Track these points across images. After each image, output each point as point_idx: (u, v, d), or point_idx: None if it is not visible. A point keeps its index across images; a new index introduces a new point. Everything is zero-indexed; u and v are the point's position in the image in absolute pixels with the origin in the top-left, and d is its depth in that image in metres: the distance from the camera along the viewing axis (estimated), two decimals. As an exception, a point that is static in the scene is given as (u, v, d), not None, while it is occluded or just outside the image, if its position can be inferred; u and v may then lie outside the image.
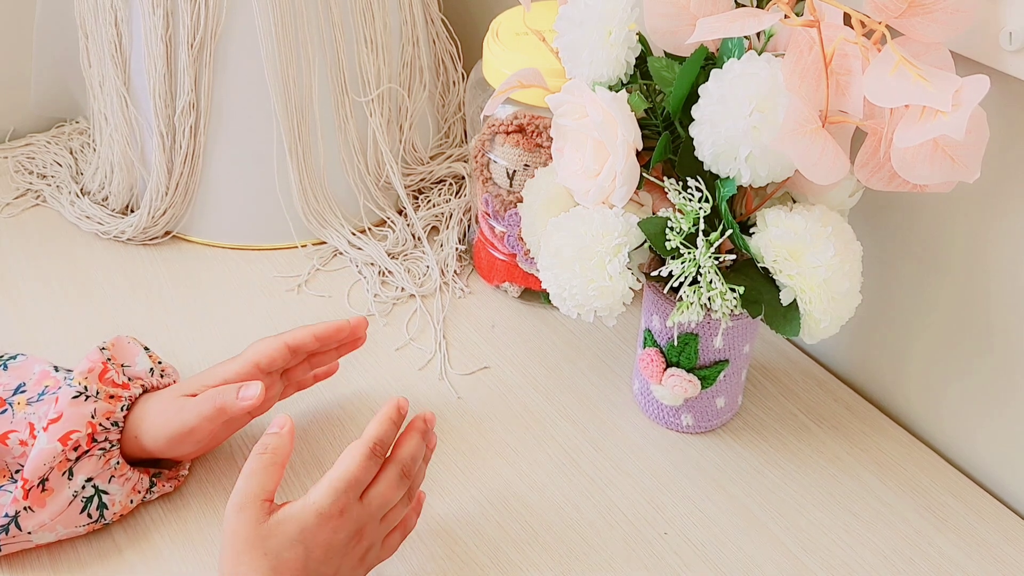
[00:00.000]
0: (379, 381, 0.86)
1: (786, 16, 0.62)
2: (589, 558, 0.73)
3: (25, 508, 0.68)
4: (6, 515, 0.68)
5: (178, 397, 0.73)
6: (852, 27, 0.62)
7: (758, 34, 0.69)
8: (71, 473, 0.69)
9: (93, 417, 0.70)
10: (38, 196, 1.07)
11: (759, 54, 0.65)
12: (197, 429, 0.72)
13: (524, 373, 0.88)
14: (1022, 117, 0.67)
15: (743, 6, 0.67)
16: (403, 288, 0.96)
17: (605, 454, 0.80)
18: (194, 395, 0.73)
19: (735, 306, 0.68)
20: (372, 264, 0.98)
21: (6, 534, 0.68)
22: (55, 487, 0.69)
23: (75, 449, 0.69)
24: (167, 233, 1.01)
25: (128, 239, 1.01)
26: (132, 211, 1.03)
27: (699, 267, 0.67)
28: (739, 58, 0.65)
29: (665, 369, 0.77)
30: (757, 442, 0.81)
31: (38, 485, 0.68)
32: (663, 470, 0.79)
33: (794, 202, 0.72)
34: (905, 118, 0.59)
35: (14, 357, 0.76)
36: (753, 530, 0.75)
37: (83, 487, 0.70)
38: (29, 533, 0.69)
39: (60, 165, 1.09)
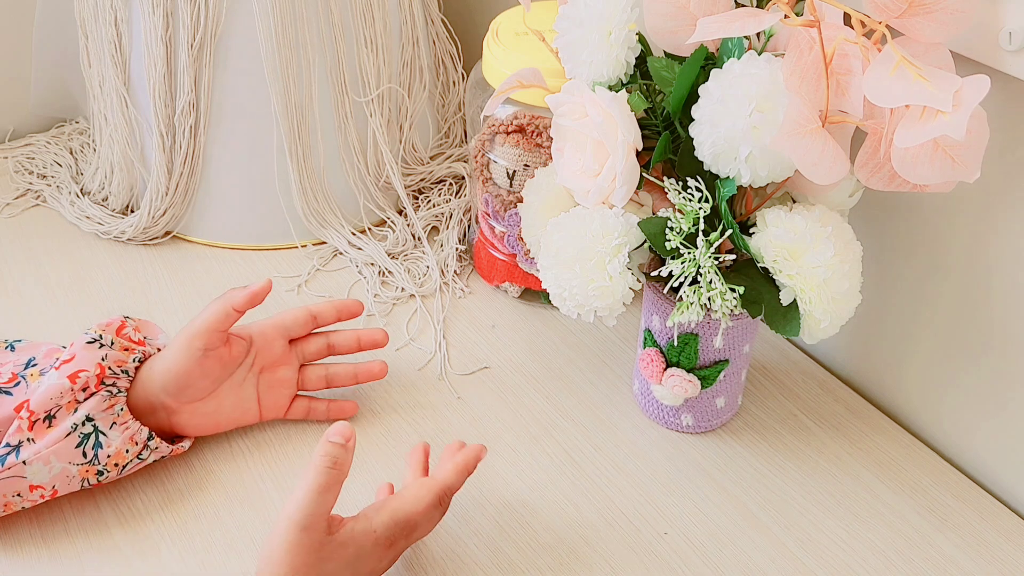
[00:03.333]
0: (379, 381, 0.86)
1: (786, 16, 0.62)
2: (589, 558, 0.73)
3: (28, 439, 0.69)
4: (7, 444, 0.69)
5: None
6: (852, 27, 0.62)
7: (758, 34, 0.69)
8: (76, 412, 0.70)
9: (104, 360, 0.72)
10: (38, 196, 1.07)
11: (759, 54, 0.65)
12: (204, 333, 0.73)
13: (524, 373, 0.88)
14: (1022, 117, 0.67)
15: (743, 6, 0.67)
16: (403, 288, 0.96)
17: (605, 454, 0.80)
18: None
19: (735, 306, 0.68)
20: (372, 264, 0.98)
21: (2, 465, 0.68)
22: (60, 423, 0.70)
23: (83, 389, 0.70)
24: (167, 233, 1.01)
25: (128, 239, 1.01)
26: (132, 211, 1.03)
27: (699, 267, 0.67)
28: (739, 58, 0.65)
29: (665, 369, 0.77)
30: (757, 442, 0.81)
31: (44, 420, 0.69)
32: (663, 470, 0.79)
33: (794, 202, 0.72)
34: (905, 118, 0.59)
35: (19, 340, 0.78)
36: (753, 530, 0.75)
37: (83, 423, 0.70)
38: (24, 463, 0.69)
39: (60, 165, 1.09)
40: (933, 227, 0.77)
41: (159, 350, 0.77)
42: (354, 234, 1.00)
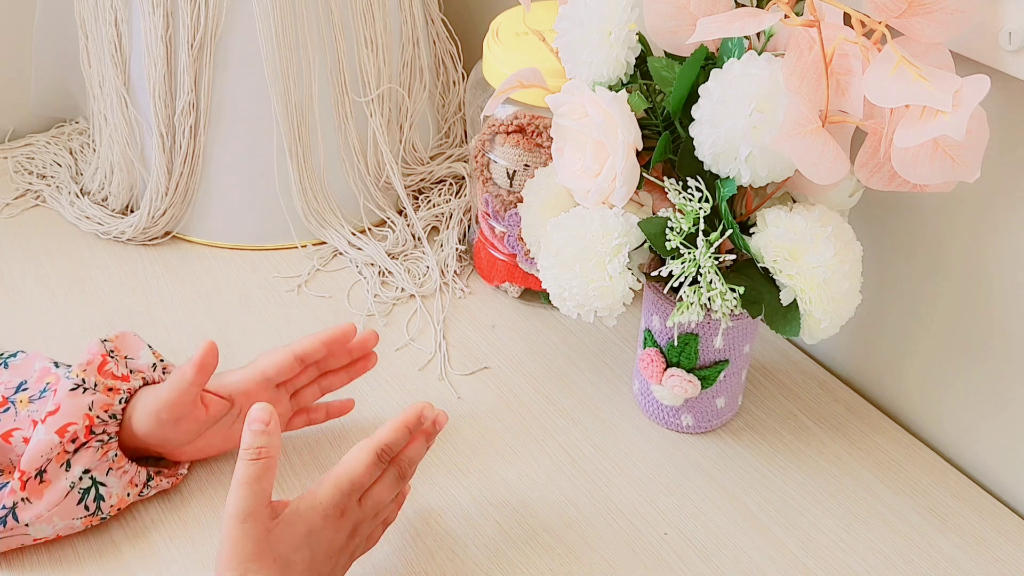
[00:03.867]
0: (379, 381, 0.86)
1: (786, 16, 0.62)
2: (589, 558, 0.73)
3: (23, 499, 0.68)
4: (3, 507, 0.68)
5: None
6: (852, 27, 0.62)
7: (758, 34, 0.69)
8: (68, 465, 0.69)
9: (91, 409, 0.70)
10: (38, 196, 1.07)
11: (759, 54, 0.65)
12: (168, 407, 0.71)
13: (524, 373, 0.88)
14: (1022, 117, 0.67)
15: (743, 6, 0.67)
16: (403, 288, 0.96)
17: (605, 454, 0.80)
18: None
19: (735, 306, 0.68)
20: (372, 264, 0.98)
21: (3, 526, 0.68)
22: (52, 479, 0.69)
23: (72, 441, 0.69)
24: (167, 233, 1.01)
25: (128, 239, 1.01)
26: (132, 211, 1.03)
27: (699, 267, 0.67)
28: (739, 58, 0.65)
29: (665, 369, 0.77)
30: (757, 442, 0.81)
31: (35, 476, 0.68)
32: (663, 470, 0.79)
33: (794, 202, 0.72)
34: (905, 118, 0.59)
35: (14, 355, 0.76)
36: (753, 530, 0.75)
37: (80, 478, 0.70)
38: (26, 525, 0.69)
39: (60, 165, 1.09)
40: (933, 227, 0.77)
41: (144, 380, 0.74)
42: (354, 234, 1.00)
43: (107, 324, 0.91)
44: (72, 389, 0.70)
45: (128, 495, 0.72)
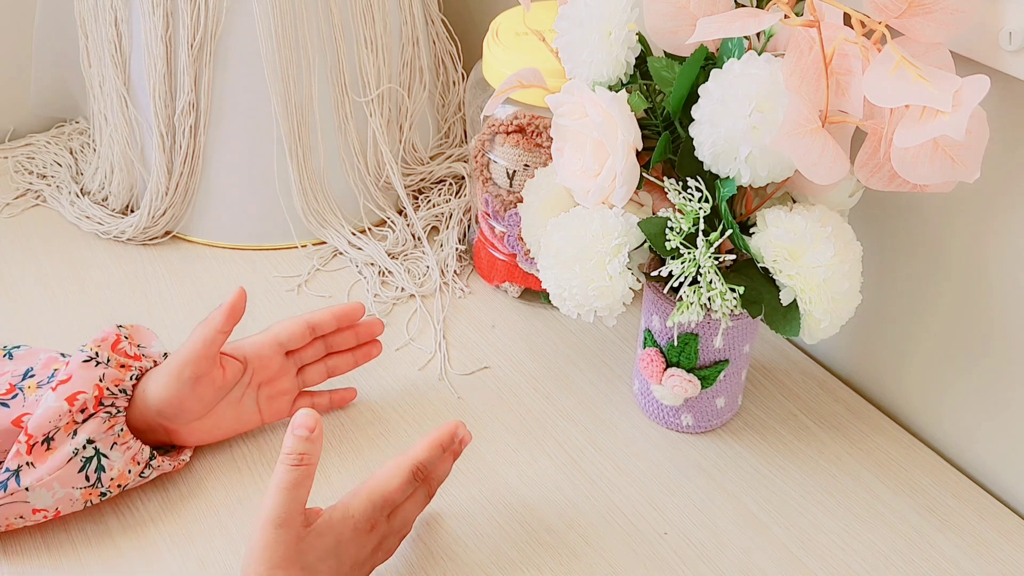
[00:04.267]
0: (379, 381, 0.86)
1: (786, 16, 0.62)
2: (589, 558, 0.73)
3: (27, 463, 0.68)
4: (7, 470, 0.68)
5: None
6: (852, 27, 0.62)
7: (758, 34, 0.69)
8: (75, 434, 0.70)
9: (102, 381, 0.71)
10: (38, 196, 1.07)
11: (759, 54, 0.65)
12: (193, 361, 0.72)
13: (524, 373, 0.88)
14: (1022, 117, 0.67)
15: (743, 6, 0.67)
16: (403, 288, 0.96)
17: (605, 454, 0.80)
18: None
19: (735, 306, 0.68)
20: (372, 264, 0.98)
21: (4, 491, 0.68)
22: (59, 446, 0.69)
23: (82, 411, 0.70)
24: (167, 233, 1.01)
25: (128, 239, 1.01)
26: (132, 211, 1.03)
27: (699, 267, 0.67)
28: (739, 58, 0.65)
29: (665, 369, 0.77)
30: (757, 442, 0.81)
31: (43, 442, 0.69)
32: (663, 470, 0.79)
33: (794, 202, 0.72)
34: (905, 118, 0.59)
35: (17, 347, 0.77)
36: (753, 530, 0.75)
37: (84, 446, 0.70)
38: (27, 490, 0.68)
39: (60, 165, 1.09)
40: (933, 227, 0.77)
41: (155, 363, 0.76)
42: (354, 234, 1.00)
43: (107, 324, 0.91)
44: (85, 361, 0.71)
45: (129, 472, 0.72)
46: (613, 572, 0.72)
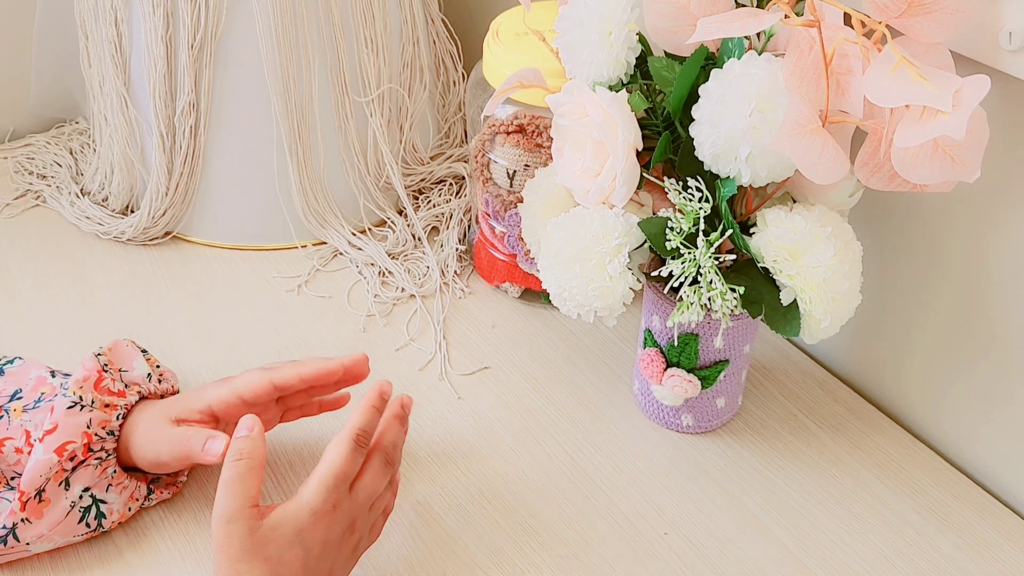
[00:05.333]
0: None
1: (786, 16, 0.62)
2: (589, 558, 0.73)
3: (23, 520, 0.68)
4: (3, 527, 0.68)
5: (163, 422, 0.72)
6: (852, 27, 0.62)
7: (758, 34, 0.69)
8: (67, 484, 0.69)
9: (88, 427, 0.70)
10: (38, 196, 1.07)
11: (759, 54, 0.65)
12: (172, 464, 0.72)
13: (524, 373, 0.88)
14: (1022, 117, 0.67)
15: (743, 6, 0.67)
16: (403, 288, 0.96)
17: (605, 454, 0.80)
18: (178, 421, 0.72)
19: (735, 306, 0.68)
20: (372, 264, 0.98)
21: (4, 545, 0.68)
22: (52, 498, 0.69)
23: (71, 460, 0.69)
24: (167, 233, 1.01)
25: (128, 239, 1.01)
26: (132, 211, 1.03)
27: (699, 267, 0.67)
28: (739, 58, 0.65)
29: (665, 369, 0.77)
30: (757, 442, 0.81)
31: (35, 497, 0.68)
32: (663, 470, 0.79)
33: (794, 202, 0.72)
34: (905, 118, 0.59)
35: (11, 361, 0.76)
36: (753, 530, 0.75)
37: (80, 497, 0.70)
38: (27, 544, 0.69)
39: (60, 165, 1.09)
40: (933, 227, 0.77)
41: (139, 394, 0.74)
42: (354, 234, 1.00)
43: (107, 324, 0.91)
44: (69, 407, 0.70)
45: (129, 509, 0.73)
46: (613, 572, 0.72)
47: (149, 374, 0.76)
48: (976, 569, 0.72)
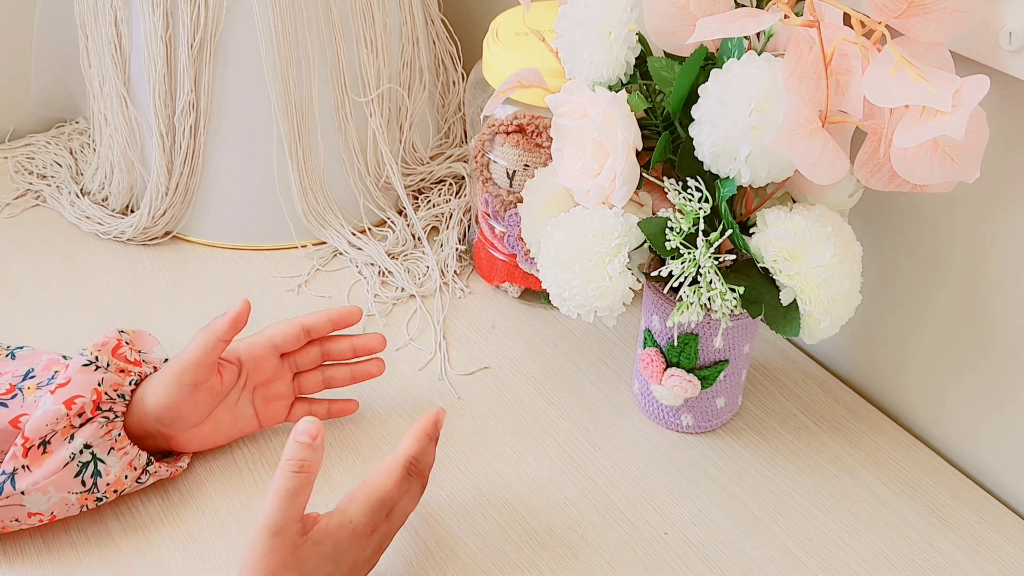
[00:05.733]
0: (379, 381, 0.86)
1: (786, 16, 0.62)
2: (589, 558, 0.73)
3: (23, 467, 0.68)
4: (3, 472, 0.68)
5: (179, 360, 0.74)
6: (852, 27, 0.62)
7: (758, 34, 0.69)
8: (72, 438, 0.70)
9: (100, 385, 0.71)
10: (38, 196, 1.07)
11: (759, 54, 0.65)
12: (193, 368, 0.72)
13: (524, 373, 0.88)
14: (1022, 117, 0.67)
15: (743, 6, 0.67)
16: (403, 288, 0.96)
17: (605, 454, 0.80)
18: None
19: (735, 306, 0.68)
20: (372, 264, 0.98)
21: (0, 493, 0.68)
22: (55, 450, 0.69)
23: (79, 415, 0.69)
24: (167, 233, 1.01)
25: (128, 239, 1.01)
26: (132, 211, 1.03)
27: (699, 267, 0.67)
28: (739, 58, 0.65)
29: (665, 369, 0.77)
30: (757, 442, 0.81)
31: (39, 446, 0.68)
32: (663, 470, 0.79)
33: (794, 202, 0.72)
34: (905, 118, 0.59)
35: (21, 347, 0.77)
36: (753, 530, 0.75)
37: (81, 451, 0.70)
38: (22, 493, 0.68)
39: (60, 165, 1.09)
40: (933, 227, 0.77)
41: (155, 369, 0.76)
42: (354, 234, 1.00)
43: (107, 324, 0.91)
44: (84, 365, 0.71)
45: (126, 477, 0.72)
46: (613, 572, 0.72)
47: (166, 359, 0.78)
48: (976, 569, 0.72)
